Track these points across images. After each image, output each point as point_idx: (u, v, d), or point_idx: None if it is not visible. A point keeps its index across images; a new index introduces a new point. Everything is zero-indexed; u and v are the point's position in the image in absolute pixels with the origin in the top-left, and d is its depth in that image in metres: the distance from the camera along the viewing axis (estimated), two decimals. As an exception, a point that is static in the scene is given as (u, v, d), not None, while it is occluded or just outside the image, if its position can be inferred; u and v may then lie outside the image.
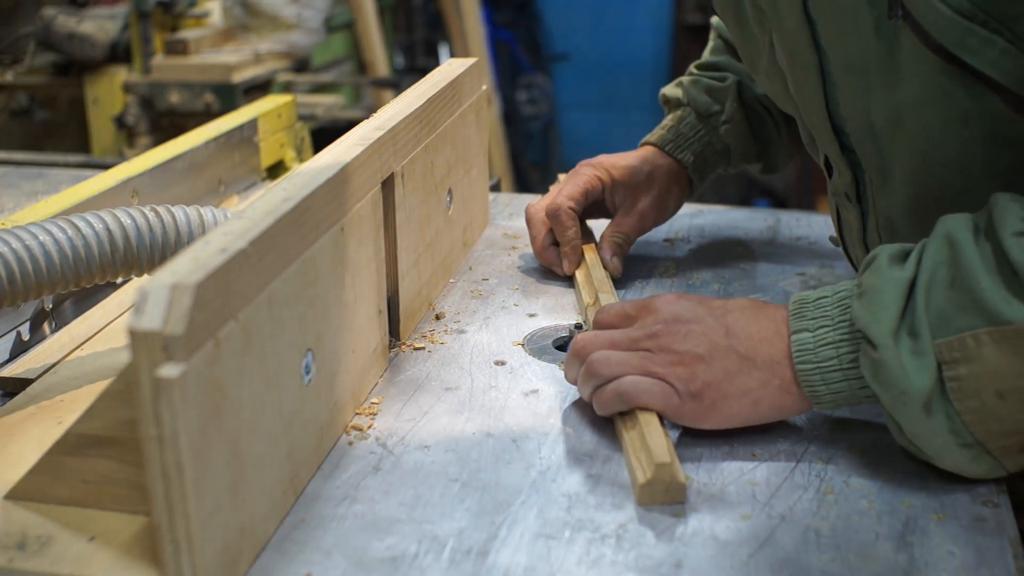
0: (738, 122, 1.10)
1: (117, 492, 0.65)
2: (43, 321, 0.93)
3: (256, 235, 0.61)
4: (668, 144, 1.09)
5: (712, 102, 1.10)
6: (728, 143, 1.10)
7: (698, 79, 1.13)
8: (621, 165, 1.07)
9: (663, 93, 1.15)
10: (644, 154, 1.09)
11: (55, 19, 2.31)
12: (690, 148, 1.09)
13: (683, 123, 1.10)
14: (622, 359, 0.75)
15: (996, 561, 0.63)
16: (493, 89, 3.78)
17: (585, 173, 1.06)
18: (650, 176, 1.07)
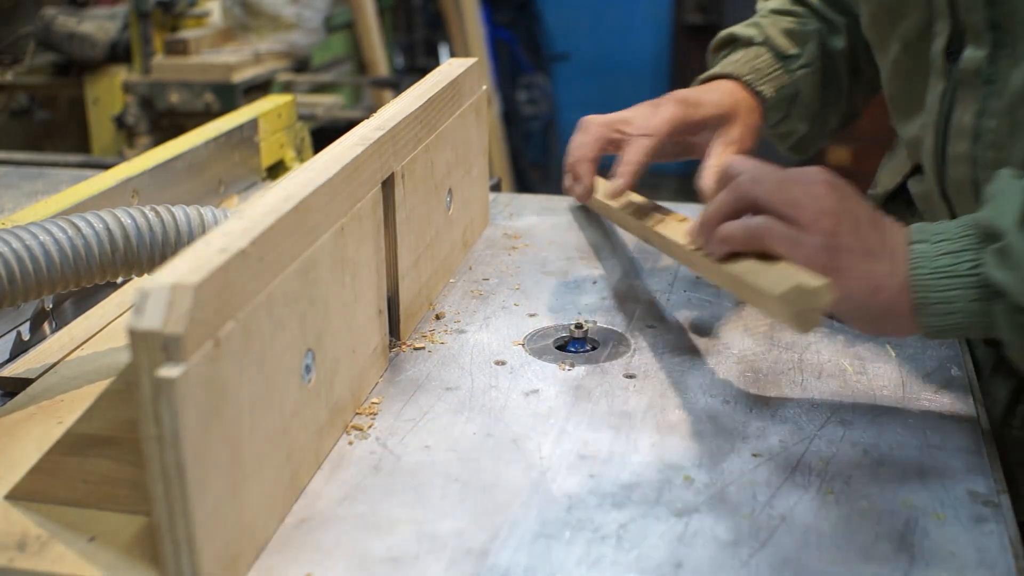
0: (815, 70, 1.05)
1: (117, 492, 0.65)
2: (43, 321, 0.92)
3: (256, 235, 0.61)
4: (747, 76, 1.03)
5: (791, 44, 1.05)
6: (800, 89, 1.05)
7: (775, 20, 1.07)
8: (708, 101, 0.99)
9: (731, 32, 1.09)
10: (723, 86, 1.02)
11: (55, 19, 2.31)
12: (768, 83, 1.03)
13: (759, 59, 1.05)
14: (772, 187, 0.72)
15: (996, 561, 0.63)
16: (493, 89, 3.78)
17: (671, 110, 0.97)
18: (735, 110, 1.01)
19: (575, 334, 0.91)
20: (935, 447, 0.75)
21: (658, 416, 0.79)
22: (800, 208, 0.71)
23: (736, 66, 1.04)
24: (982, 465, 0.73)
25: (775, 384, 0.84)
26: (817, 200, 0.71)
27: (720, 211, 0.76)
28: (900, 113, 0.95)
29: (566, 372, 0.86)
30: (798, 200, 0.72)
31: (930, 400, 0.82)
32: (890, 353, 0.89)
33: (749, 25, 1.08)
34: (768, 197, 0.73)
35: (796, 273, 0.69)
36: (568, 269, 1.08)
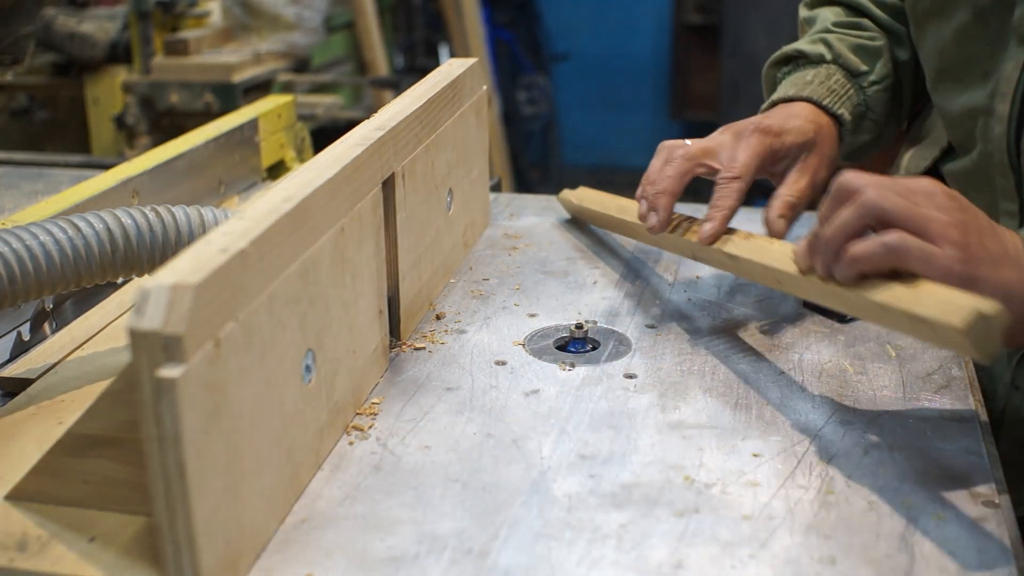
0: (887, 86, 1.04)
1: (117, 492, 0.65)
2: (43, 321, 0.92)
3: (257, 235, 0.61)
4: (826, 99, 1.00)
5: (861, 61, 1.03)
6: (872, 107, 1.03)
7: (842, 36, 1.05)
8: (792, 129, 0.96)
9: (797, 48, 1.06)
10: (803, 111, 0.99)
11: (55, 19, 2.31)
12: (845, 105, 1.01)
13: (832, 79, 1.02)
14: (900, 201, 0.70)
15: (996, 561, 0.63)
16: (493, 89, 3.78)
17: (757, 142, 0.93)
18: (817, 137, 0.97)
19: (575, 334, 0.91)
20: (935, 447, 0.75)
21: (658, 416, 0.79)
22: (931, 221, 0.69)
23: (812, 88, 1.01)
24: (982, 465, 0.73)
25: (775, 384, 0.84)
26: (944, 212, 0.69)
27: (845, 230, 0.72)
28: (954, 84, 0.92)
29: (566, 372, 0.86)
30: (927, 213, 0.69)
31: (930, 400, 0.82)
32: (890, 353, 0.89)
33: (815, 41, 1.05)
34: (898, 211, 0.69)
35: (961, 298, 0.66)
36: (568, 269, 1.08)
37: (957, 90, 0.92)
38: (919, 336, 0.70)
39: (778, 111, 0.98)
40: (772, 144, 0.94)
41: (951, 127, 0.94)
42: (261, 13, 2.46)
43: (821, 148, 0.97)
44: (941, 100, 0.94)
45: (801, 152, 0.96)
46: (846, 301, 0.74)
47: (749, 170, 0.92)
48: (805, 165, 0.96)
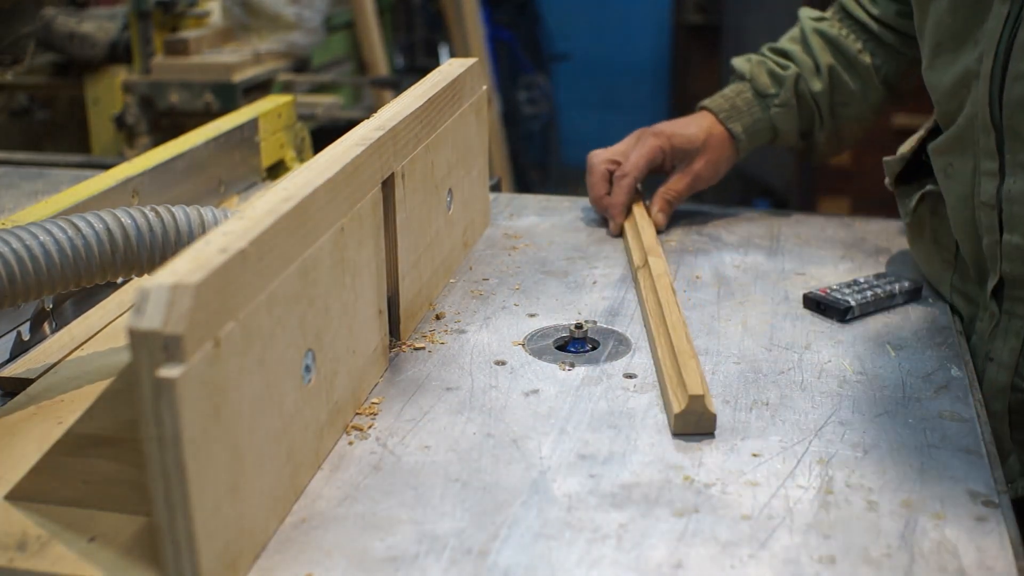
0: (789, 109, 1.20)
1: (117, 492, 0.65)
2: (43, 321, 0.92)
3: (256, 235, 0.61)
4: (723, 113, 1.20)
5: (770, 84, 1.20)
6: (776, 123, 1.20)
7: (764, 60, 1.22)
8: (681, 134, 1.19)
9: (734, 63, 1.24)
10: (702, 121, 1.20)
11: (55, 19, 2.31)
12: (740, 120, 1.20)
13: (740, 96, 1.21)
14: None
15: (996, 561, 0.63)
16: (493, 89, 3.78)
17: (649, 144, 1.18)
18: (706, 143, 1.19)
19: (575, 334, 0.91)
20: (935, 447, 0.75)
21: (658, 416, 0.79)
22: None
23: (719, 100, 1.21)
24: (982, 465, 0.73)
25: (775, 384, 0.84)
26: None
27: None
28: (948, 56, 0.95)
29: (566, 372, 0.86)
30: None
31: (930, 400, 0.82)
32: (890, 353, 0.89)
33: (746, 60, 1.23)
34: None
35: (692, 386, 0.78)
36: (568, 269, 1.08)
37: (950, 61, 0.95)
38: None
39: (687, 117, 1.22)
40: (662, 146, 1.18)
41: (943, 101, 0.96)
42: (261, 13, 2.46)
43: (708, 153, 1.19)
44: (935, 77, 0.98)
45: (688, 156, 1.19)
46: None
47: (638, 168, 1.17)
48: (689, 168, 1.19)
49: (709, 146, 1.19)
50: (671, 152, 1.18)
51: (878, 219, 1.23)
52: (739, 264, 1.10)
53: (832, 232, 1.19)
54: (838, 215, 1.27)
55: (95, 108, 2.36)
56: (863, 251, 1.13)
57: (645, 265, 1.02)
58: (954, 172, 0.95)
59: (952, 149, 0.95)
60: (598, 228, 1.21)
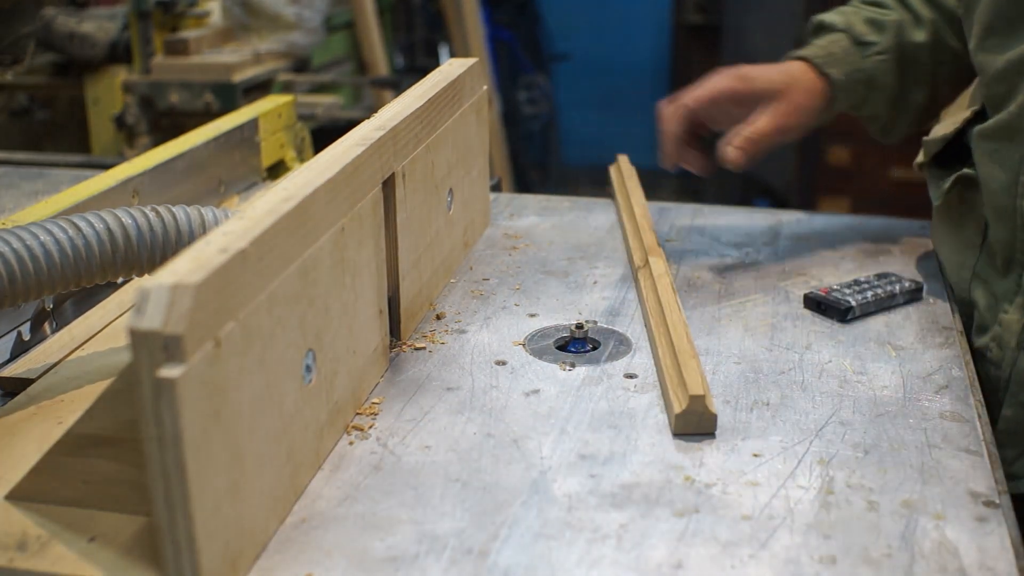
0: (890, 58, 1.09)
1: (117, 492, 0.65)
2: (44, 321, 0.92)
3: (257, 235, 0.61)
4: (818, 59, 1.08)
5: (870, 31, 1.10)
6: (874, 75, 1.09)
7: (859, 9, 1.13)
8: (762, 76, 1.07)
9: (819, 19, 1.14)
10: (789, 68, 1.09)
11: (55, 19, 2.31)
12: (838, 66, 1.08)
13: (835, 44, 1.10)
14: None
15: (997, 562, 0.63)
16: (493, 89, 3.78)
17: (720, 80, 1.07)
18: (790, 88, 1.06)
19: (576, 334, 0.91)
20: (935, 447, 0.75)
21: (659, 416, 0.79)
22: None
23: (812, 50, 1.09)
24: (982, 465, 0.73)
25: (775, 384, 0.84)
26: None
27: None
28: (1000, 39, 0.94)
29: (567, 372, 0.86)
30: None
31: (930, 400, 0.82)
32: (891, 353, 0.89)
33: (837, 12, 1.13)
34: None
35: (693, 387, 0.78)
36: (568, 269, 1.08)
37: (1003, 44, 0.94)
38: None
39: (771, 66, 1.09)
40: (735, 86, 1.06)
41: (992, 84, 0.95)
42: (261, 13, 2.46)
43: (792, 97, 1.06)
44: (985, 58, 0.96)
45: (767, 98, 1.05)
46: None
47: (697, 99, 1.06)
48: (774, 109, 1.05)
49: (796, 91, 1.06)
50: (748, 94, 1.06)
51: (878, 218, 1.23)
52: (739, 264, 1.10)
53: (832, 232, 1.19)
54: (838, 215, 1.27)
55: (95, 108, 2.36)
56: (864, 251, 1.13)
57: (645, 265, 1.02)
58: (1000, 159, 0.93)
59: (1000, 135, 0.94)
60: (598, 228, 1.21)
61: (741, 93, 1.06)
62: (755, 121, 1.04)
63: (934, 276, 1.06)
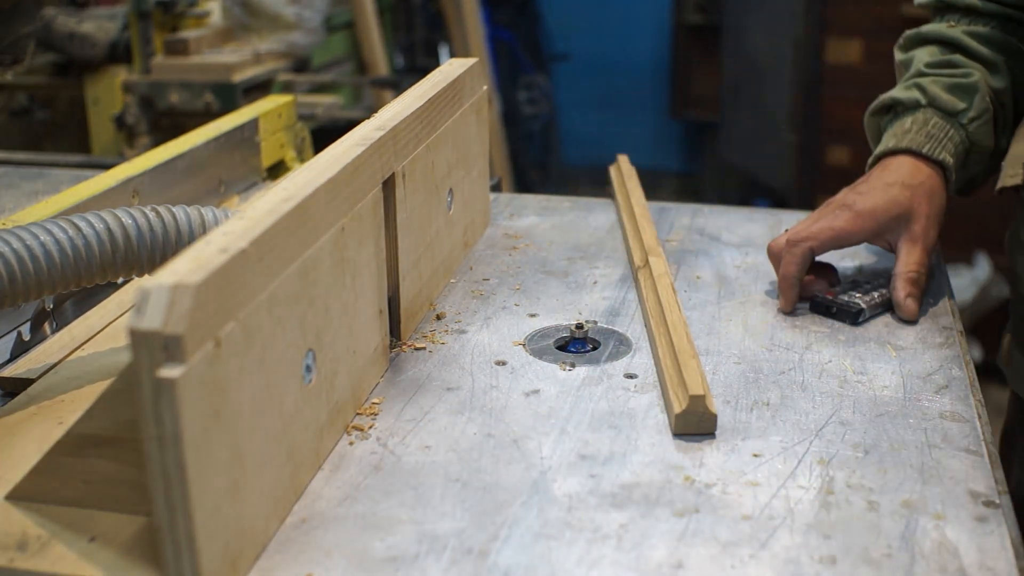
0: (987, 120, 1.03)
1: (117, 492, 0.65)
2: (44, 321, 0.92)
3: (257, 235, 0.61)
4: (925, 147, 1.00)
5: (957, 100, 1.02)
6: (976, 141, 1.03)
7: (937, 78, 1.04)
8: (880, 206, 0.97)
9: (891, 96, 1.06)
10: (894, 174, 0.99)
11: (55, 19, 2.31)
12: (945, 149, 1.00)
13: (930, 124, 1.01)
14: None
15: (997, 562, 0.63)
16: (493, 89, 3.78)
17: (843, 218, 0.97)
18: (912, 199, 0.97)
19: (576, 334, 0.91)
20: (935, 447, 0.75)
21: (659, 416, 0.79)
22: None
23: (911, 137, 1.01)
24: (982, 465, 0.73)
25: (775, 384, 0.84)
26: None
27: None
28: None
29: (567, 372, 0.86)
30: None
31: (930, 400, 0.82)
32: (891, 353, 0.89)
33: (909, 87, 1.04)
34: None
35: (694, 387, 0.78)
36: (568, 269, 1.08)
37: None
38: None
39: (875, 177, 1.00)
40: (863, 226, 0.97)
41: None
42: (261, 13, 2.46)
43: (921, 210, 0.98)
44: None
45: (899, 224, 0.97)
46: None
47: (818, 239, 0.97)
48: (911, 234, 0.98)
49: (919, 200, 0.97)
50: (874, 231, 0.97)
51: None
52: (739, 264, 1.10)
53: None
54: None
55: (95, 108, 2.36)
56: (864, 250, 1.13)
57: (646, 265, 1.02)
58: None
59: None
60: (598, 228, 1.21)
61: (866, 232, 0.97)
62: (903, 258, 0.97)
63: (933, 275, 1.06)
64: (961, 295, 2.90)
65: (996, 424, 1.02)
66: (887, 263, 1.10)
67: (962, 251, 2.99)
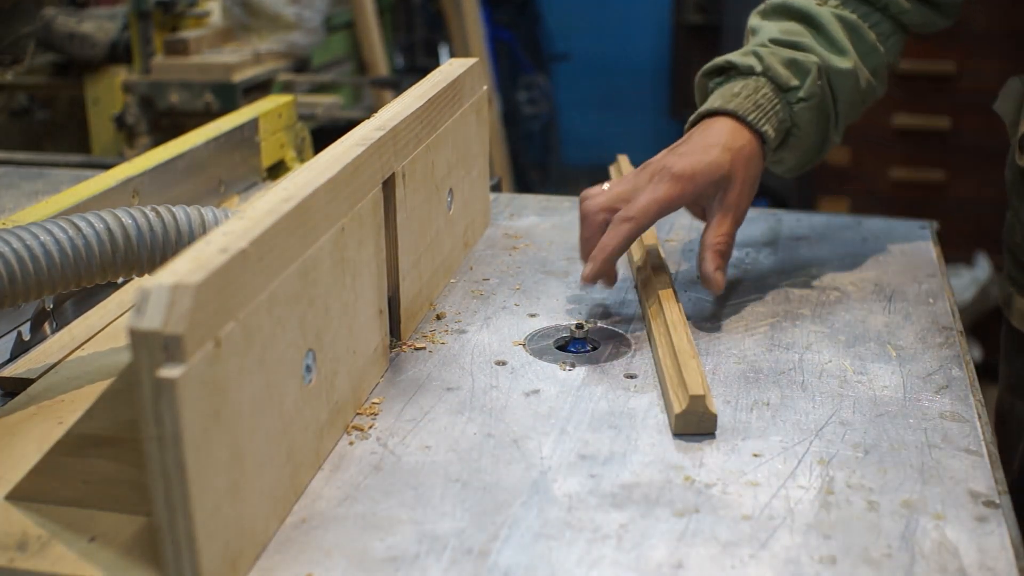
0: (814, 105, 1.00)
1: (117, 492, 0.65)
2: (44, 321, 0.92)
3: (257, 235, 0.61)
4: (750, 114, 0.97)
5: (791, 75, 0.99)
6: (797, 123, 1.00)
7: (776, 51, 1.01)
8: (703, 170, 0.94)
9: (726, 59, 1.02)
10: (718, 136, 0.96)
11: (55, 19, 2.31)
12: (769, 122, 0.98)
13: (759, 93, 0.98)
14: None
15: (997, 562, 0.63)
16: (493, 89, 3.78)
17: (664, 190, 0.93)
18: (733, 164, 0.95)
19: (576, 334, 0.91)
20: (935, 447, 0.75)
21: (659, 416, 0.79)
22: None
23: (736, 100, 0.98)
24: (982, 465, 0.73)
25: (775, 384, 0.84)
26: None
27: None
28: None
29: (567, 372, 0.86)
30: None
31: (930, 400, 0.82)
32: (891, 353, 0.89)
33: (747, 54, 1.02)
34: None
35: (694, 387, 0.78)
36: (569, 269, 1.08)
37: None
38: None
39: (696, 138, 0.97)
40: (683, 191, 0.93)
41: None
42: (261, 13, 2.46)
43: (738, 175, 0.96)
44: None
45: (717, 189, 0.95)
46: None
47: (647, 215, 0.92)
48: (725, 203, 0.95)
49: (738, 165, 0.95)
50: (694, 195, 0.94)
51: (878, 218, 1.23)
52: (739, 264, 1.10)
53: (832, 232, 1.19)
54: (838, 215, 1.27)
55: (95, 108, 2.36)
56: (864, 251, 1.13)
57: (646, 265, 1.02)
58: None
59: None
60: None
61: (687, 197, 0.94)
62: (714, 228, 0.95)
63: (933, 275, 1.06)
64: (961, 295, 2.90)
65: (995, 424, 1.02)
66: (887, 264, 1.10)
67: (962, 251, 3.00)
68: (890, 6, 1.04)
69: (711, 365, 0.87)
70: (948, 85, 2.97)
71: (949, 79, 2.96)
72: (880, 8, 1.04)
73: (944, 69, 2.99)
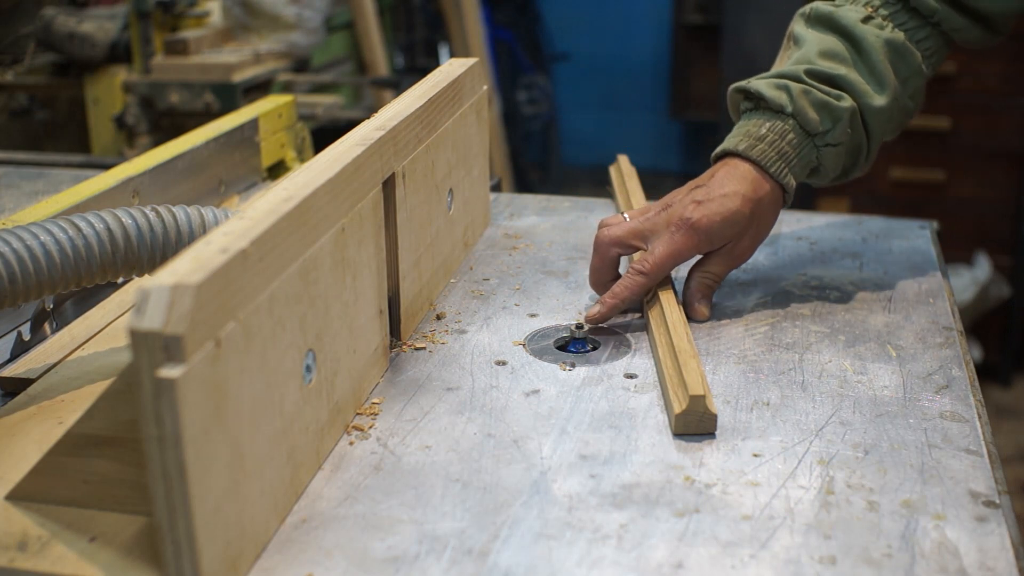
0: (840, 150, 0.99)
1: (118, 492, 0.65)
2: (44, 321, 0.92)
3: (257, 235, 0.61)
4: (773, 165, 0.96)
5: (821, 121, 0.97)
6: (823, 162, 0.99)
7: (810, 90, 0.97)
8: (720, 228, 0.94)
9: (756, 88, 0.99)
10: (739, 184, 0.95)
11: (55, 19, 2.31)
12: (792, 170, 0.97)
13: (784, 140, 0.97)
14: None
15: (997, 562, 0.63)
16: (493, 89, 3.78)
17: (679, 242, 0.94)
18: (752, 218, 0.95)
19: (576, 334, 0.91)
20: (935, 447, 0.75)
21: (659, 416, 0.79)
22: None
23: (760, 146, 0.96)
24: (982, 465, 0.73)
25: (775, 384, 0.84)
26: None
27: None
28: None
29: (567, 372, 0.86)
30: None
31: (930, 400, 0.82)
32: (891, 353, 0.89)
33: (780, 88, 0.98)
34: None
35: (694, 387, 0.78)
36: (569, 269, 1.08)
37: None
38: None
39: (719, 180, 0.96)
40: (699, 243, 0.94)
41: None
42: (261, 13, 2.46)
43: (754, 226, 0.97)
44: None
45: (730, 239, 0.96)
46: None
47: (660, 269, 0.94)
48: (733, 253, 0.97)
49: (756, 216, 0.96)
50: (709, 246, 0.96)
51: (878, 218, 1.23)
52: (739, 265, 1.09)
53: (832, 231, 1.19)
54: (838, 215, 1.27)
55: (95, 108, 2.36)
56: (864, 251, 1.13)
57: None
58: None
59: None
60: (598, 228, 1.20)
61: (704, 249, 0.96)
62: (709, 265, 0.97)
63: (933, 275, 1.06)
64: (961, 295, 2.90)
65: (996, 424, 1.02)
66: (887, 264, 1.10)
67: (962, 251, 2.99)
68: (943, 22, 1.00)
69: (712, 365, 0.87)
70: (948, 85, 2.97)
71: (949, 79, 2.96)
72: (933, 23, 1.00)
73: (944, 69, 2.99)
